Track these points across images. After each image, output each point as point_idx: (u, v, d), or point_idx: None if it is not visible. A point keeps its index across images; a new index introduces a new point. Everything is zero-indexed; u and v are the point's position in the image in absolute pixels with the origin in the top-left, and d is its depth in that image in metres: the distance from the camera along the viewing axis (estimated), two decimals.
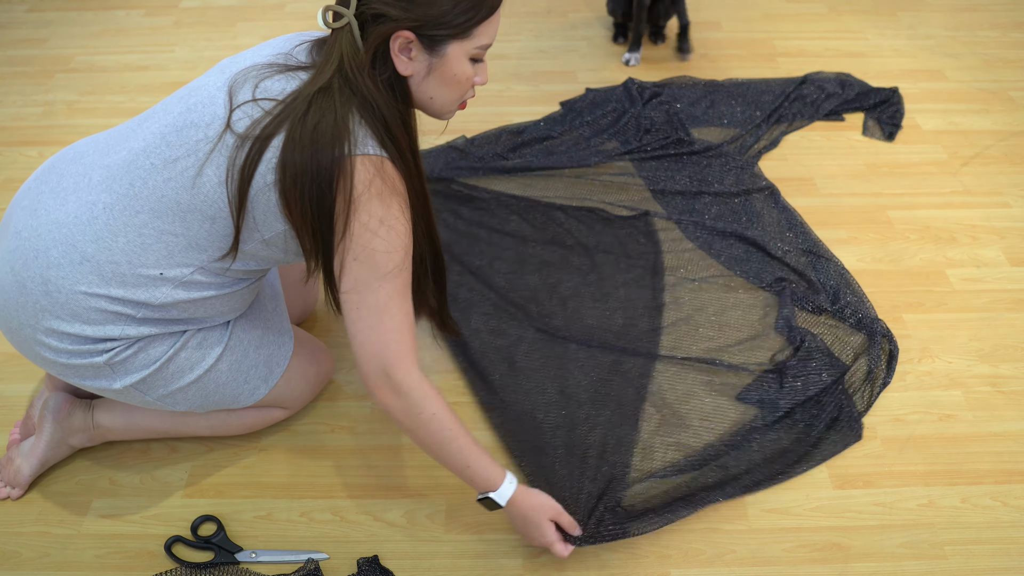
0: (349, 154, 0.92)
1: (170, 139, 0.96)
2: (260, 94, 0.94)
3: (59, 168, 1.02)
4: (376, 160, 0.94)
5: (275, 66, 0.96)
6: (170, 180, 0.96)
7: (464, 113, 1.99)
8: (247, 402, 1.16)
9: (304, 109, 0.91)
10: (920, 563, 1.11)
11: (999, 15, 2.37)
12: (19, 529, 1.17)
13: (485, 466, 1.03)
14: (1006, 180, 1.76)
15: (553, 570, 1.11)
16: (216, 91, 0.96)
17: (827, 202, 1.72)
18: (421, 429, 1.00)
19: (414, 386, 0.98)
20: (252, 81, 0.95)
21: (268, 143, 0.92)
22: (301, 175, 0.92)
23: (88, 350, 1.00)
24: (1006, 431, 1.28)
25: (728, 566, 1.11)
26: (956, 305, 1.48)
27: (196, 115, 0.96)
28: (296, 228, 0.96)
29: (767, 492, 1.20)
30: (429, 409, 0.99)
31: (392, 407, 0.99)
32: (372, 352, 0.97)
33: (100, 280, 0.97)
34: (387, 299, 0.97)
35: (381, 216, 0.94)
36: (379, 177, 0.94)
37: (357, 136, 0.93)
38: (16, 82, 2.15)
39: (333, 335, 1.45)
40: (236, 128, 0.94)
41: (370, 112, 0.94)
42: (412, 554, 1.13)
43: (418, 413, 0.98)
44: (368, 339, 0.97)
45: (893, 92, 2.00)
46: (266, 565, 1.12)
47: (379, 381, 0.98)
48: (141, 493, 1.21)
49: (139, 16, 2.44)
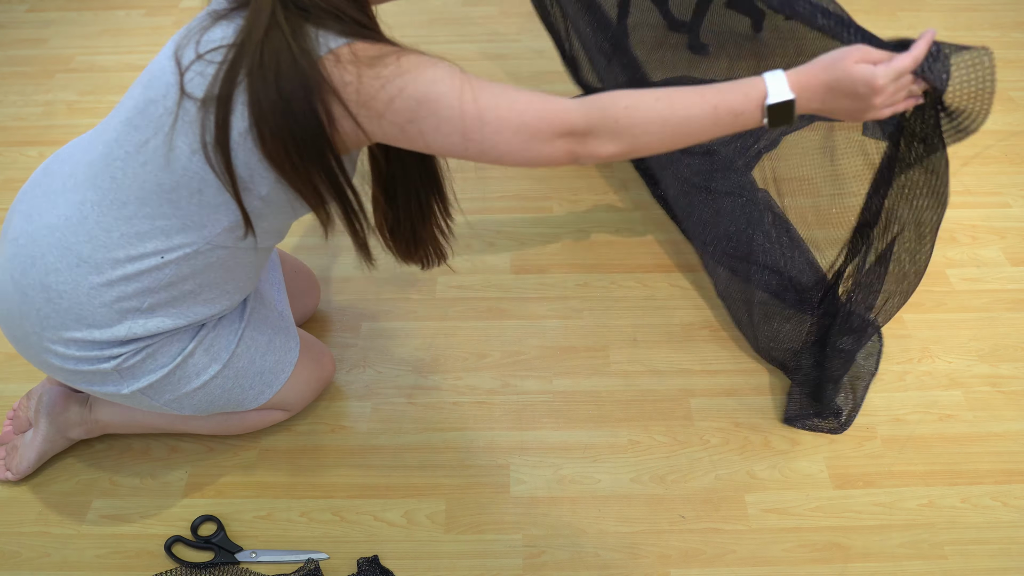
0: (315, 65, 0.84)
1: (136, 122, 0.93)
2: (204, 48, 0.88)
3: (51, 170, 1.01)
4: (345, 50, 0.85)
5: (211, 15, 0.90)
6: (146, 164, 0.92)
7: None
8: (251, 406, 1.16)
9: (259, 58, 0.84)
10: (920, 563, 1.11)
11: (999, 15, 2.37)
12: (19, 529, 1.17)
13: (731, 87, 0.85)
14: (1006, 180, 1.76)
15: (553, 570, 1.11)
16: (166, 61, 0.91)
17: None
18: (638, 130, 0.86)
19: (588, 114, 0.87)
20: (194, 38, 0.89)
21: (231, 101, 0.86)
22: (279, 128, 0.85)
23: (96, 356, 0.99)
24: (1006, 431, 1.28)
25: (728, 566, 1.11)
26: (956, 305, 1.48)
27: (152, 91, 0.91)
28: (294, 185, 0.91)
29: (767, 492, 1.20)
30: (619, 108, 0.86)
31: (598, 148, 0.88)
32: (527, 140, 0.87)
33: (101, 279, 0.96)
34: (478, 105, 0.86)
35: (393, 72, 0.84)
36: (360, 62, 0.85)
37: (316, 44, 0.85)
38: (16, 82, 2.15)
39: (334, 335, 1.45)
40: (191, 91, 0.88)
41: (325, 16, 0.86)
42: (412, 554, 1.14)
43: (614, 123, 0.86)
44: (509, 139, 0.87)
45: None
46: (266, 565, 1.12)
47: (564, 145, 0.88)
48: (141, 493, 1.21)
49: (139, 16, 2.44)
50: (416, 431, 1.29)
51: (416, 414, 1.32)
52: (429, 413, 1.32)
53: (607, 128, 0.87)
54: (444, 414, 1.32)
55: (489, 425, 1.30)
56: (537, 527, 1.16)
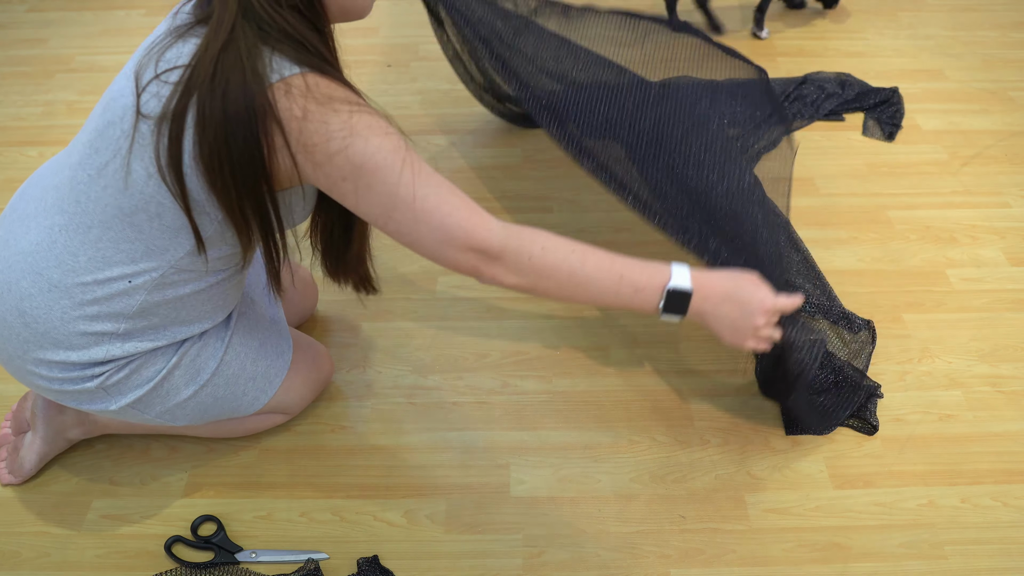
0: (264, 90, 0.82)
1: (96, 145, 0.91)
2: (162, 67, 0.85)
3: (26, 194, 1.01)
4: (298, 80, 0.83)
5: (170, 33, 0.88)
6: (106, 188, 0.91)
7: (463, 113, 1.99)
8: (247, 412, 1.16)
9: (211, 72, 0.82)
10: (920, 563, 1.11)
11: (999, 15, 2.37)
12: (19, 529, 1.17)
13: (640, 264, 0.88)
14: (1006, 180, 1.76)
15: (553, 570, 1.11)
16: (125, 81, 0.90)
17: (827, 202, 1.72)
18: (543, 273, 0.89)
19: (504, 239, 0.88)
20: (154, 57, 0.87)
21: (184, 120, 0.83)
22: (218, 144, 0.83)
23: (78, 376, 0.99)
24: (1006, 431, 1.28)
25: (728, 566, 1.11)
26: (956, 305, 1.48)
27: (111, 113, 0.90)
28: (223, 206, 0.87)
29: (767, 492, 1.20)
30: (535, 247, 0.88)
31: (500, 275, 0.89)
32: (439, 241, 0.88)
33: (72, 304, 0.95)
34: (407, 188, 0.87)
35: (340, 126, 0.84)
36: (310, 97, 0.83)
37: (270, 69, 0.83)
38: (16, 82, 2.15)
39: (333, 336, 1.45)
40: (147, 112, 0.86)
41: (284, 40, 0.84)
42: (412, 554, 1.14)
43: (527, 259, 0.88)
44: (425, 234, 0.88)
45: (893, 92, 2.00)
46: (266, 565, 1.12)
47: (470, 259, 0.89)
48: (141, 493, 1.21)
49: (139, 16, 2.44)
50: (416, 431, 1.29)
51: (416, 414, 1.32)
52: (429, 413, 1.32)
53: (518, 261, 0.89)
54: (444, 414, 1.32)
55: (489, 425, 1.30)
56: (537, 527, 1.16)
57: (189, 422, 1.11)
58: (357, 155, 0.85)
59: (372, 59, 2.22)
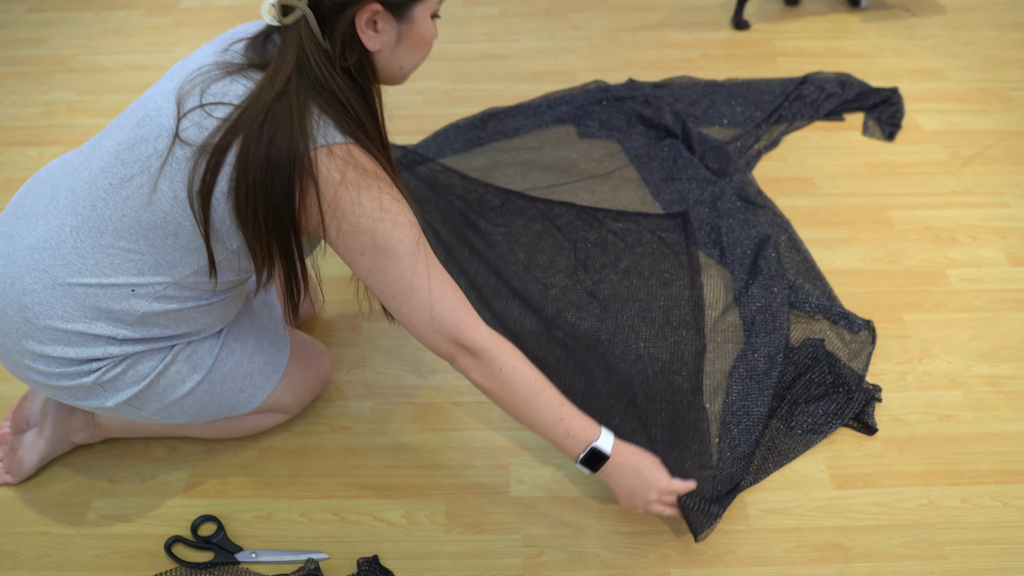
0: (309, 149, 0.87)
1: (123, 157, 0.93)
2: (208, 99, 0.89)
3: (33, 191, 1.01)
4: (342, 148, 0.89)
5: (219, 67, 0.91)
6: (128, 199, 0.93)
7: (463, 113, 1.99)
8: (244, 410, 1.16)
9: (261, 118, 0.86)
10: (920, 563, 1.11)
11: (999, 15, 2.37)
12: (19, 529, 1.17)
13: (580, 416, 1.01)
14: (1006, 180, 1.76)
15: (553, 570, 1.11)
16: (163, 101, 0.92)
17: (827, 202, 1.72)
18: (505, 386, 0.98)
19: (487, 345, 0.97)
20: (199, 86, 0.90)
21: (225, 155, 0.88)
22: (256, 186, 0.87)
23: (75, 371, 0.99)
24: (1006, 431, 1.28)
25: (728, 566, 1.11)
26: (956, 305, 1.48)
27: (145, 129, 0.92)
28: (249, 242, 0.92)
29: (767, 492, 1.20)
30: (508, 363, 0.98)
31: (470, 369, 0.98)
32: (431, 329, 0.96)
33: (74, 304, 0.96)
34: (419, 277, 0.94)
35: (373, 207, 0.91)
36: (351, 166, 0.89)
37: (317, 130, 0.88)
38: (16, 82, 2.15)
39: (334, 335, 1.45)
40: (186, 138, 0.89)
41: (334, 104, 0.89)
42: (412, 554, 1.14)
43: (498, 369, 0.97)
44: (421, 320, 0.96)
45: (893, 92, 2.00)
46: (266, 565, 1.12)
47: (452, 350, 0.98)
48: (141, 493, 1.21)
49: (139, 16, 2.44)
50: (416, 431, 1.29)
51: (416, 414, 1.32)
52: (429, 413, 1.32)
53: (490, 368, 0.98)
54: (444, 414, 1.32)
55: (489, 425, 1.30)
56: (537, 527, 1.16)
57: (187, 420, 1.11)
58: (382, 239, 0.92)
59: None
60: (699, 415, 1.27)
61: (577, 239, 1.59)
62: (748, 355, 1.34)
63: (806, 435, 1.26)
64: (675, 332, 1.40)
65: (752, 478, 1.20)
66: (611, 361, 1.36)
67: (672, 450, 1.23)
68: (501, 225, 1.62)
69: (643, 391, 1.31)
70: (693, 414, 1.27)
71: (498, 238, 1.58)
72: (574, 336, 1.39)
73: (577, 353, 1.37)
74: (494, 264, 1.52)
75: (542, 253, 1.56)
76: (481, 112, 1.95)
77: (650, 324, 1.42)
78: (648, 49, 2.25)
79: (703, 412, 1.28)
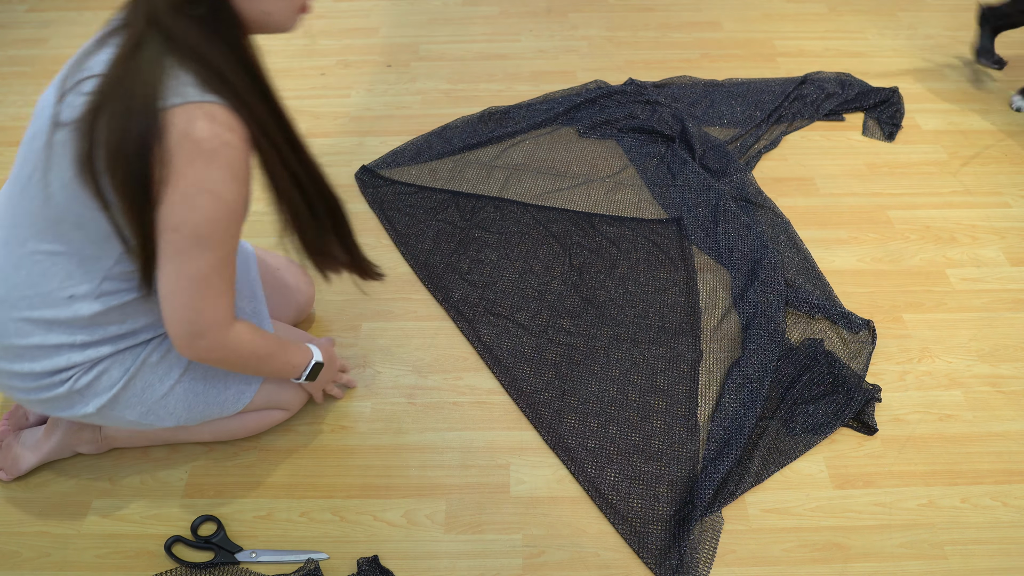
0: (161, 108, 0.81)
1: (25, 156, 0.92)
2: (82, 75, 0.85)
3: None
4: (197, 108, 0.83)
5: (96, 41, 0.87)
6: (33, 198, 0.91)
7: (463, 113, 1.99)
8: (236, 407, 1.15)
9: (120, 76, 0.81)
10: (920, 563, 1.11)
11: None
12: (19, 529, 1.17)
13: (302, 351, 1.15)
14: (1006, 180, 1.76)
15: (553, 570, 1.11)
16: (50, 91, 0.89)
17: (827, 202, 1.72)
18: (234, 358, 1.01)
19: (226, 342, 0.97)
20: (79, 66, 0.86)
21: (94, 126, 0.83)
22: (116, 151, 0.82)
23: (47, 384, 0.99)
24: (1006, 431, 1.28)
25: (728, 566, 1.11)
26: (956, 305, 1.48)
27: (37, 123, 0.90)
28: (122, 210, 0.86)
29: (767, 492, 1.20)
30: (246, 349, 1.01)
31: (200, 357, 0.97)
32: (184, 318, 0.92)
33: (22, 318, 0.96)
34: (209, 270, 0.90)
35: (201, 181, 0.84)
36: (201, 128, 0.83)
37: (172, 87, 0.82)
38: (16, 82, 2.15)
39: (334, 335, 1.45)
40: (62, 120, 0.86)
41: (190, 56, 0.83)
42: (412, 554, 1.13)
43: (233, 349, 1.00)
44: (183, 305, 0.91)
45: (893, 92, 2.00)
46: (266, 565, 1.12)
47: (186, 341, 0.94)
48: (141, 493, 1.21)
49: None
50: (416, 431, 1.29)
51: (416, 414, 1.32)
52: (429, 413, 1.32)
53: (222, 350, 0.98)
54: (444, 414, 1.32)
55: (489, 425, 1.30)
56: (537, 527, 1.16)
57: (178, 422, 1.10)
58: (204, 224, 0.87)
59: (372, 59, 2.22)
60: (693, 423, 1.27)
61: (572, 245, 1.59)
62: (742, 362, 1.34)
63: (806, 435, 1.26)
64: (671, 339, 1.40)
65: (752, 479, 1.20)
66: (607, 367, 1.36)
67: (666, 458, 1.23)
68: (496, 232, 1.62)
69: (638, 398, 1.31)
70: (687, 422, 1.27)
71: (492, 247, 1.58)
72: (569, 344, 1.39)
73: (574, 359, 1.37)
74: (487, 279, 1.52)
75: (537, 260, 1.56)
76: (480, 112, 1.95)
77: (646, 330, 1.42)
78: (648, 49, 2.25)
79: (696, 420, 1.28)
